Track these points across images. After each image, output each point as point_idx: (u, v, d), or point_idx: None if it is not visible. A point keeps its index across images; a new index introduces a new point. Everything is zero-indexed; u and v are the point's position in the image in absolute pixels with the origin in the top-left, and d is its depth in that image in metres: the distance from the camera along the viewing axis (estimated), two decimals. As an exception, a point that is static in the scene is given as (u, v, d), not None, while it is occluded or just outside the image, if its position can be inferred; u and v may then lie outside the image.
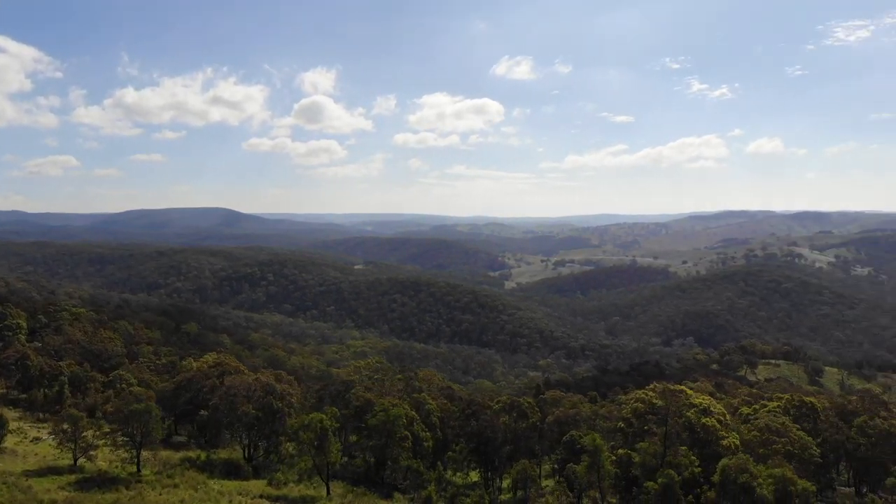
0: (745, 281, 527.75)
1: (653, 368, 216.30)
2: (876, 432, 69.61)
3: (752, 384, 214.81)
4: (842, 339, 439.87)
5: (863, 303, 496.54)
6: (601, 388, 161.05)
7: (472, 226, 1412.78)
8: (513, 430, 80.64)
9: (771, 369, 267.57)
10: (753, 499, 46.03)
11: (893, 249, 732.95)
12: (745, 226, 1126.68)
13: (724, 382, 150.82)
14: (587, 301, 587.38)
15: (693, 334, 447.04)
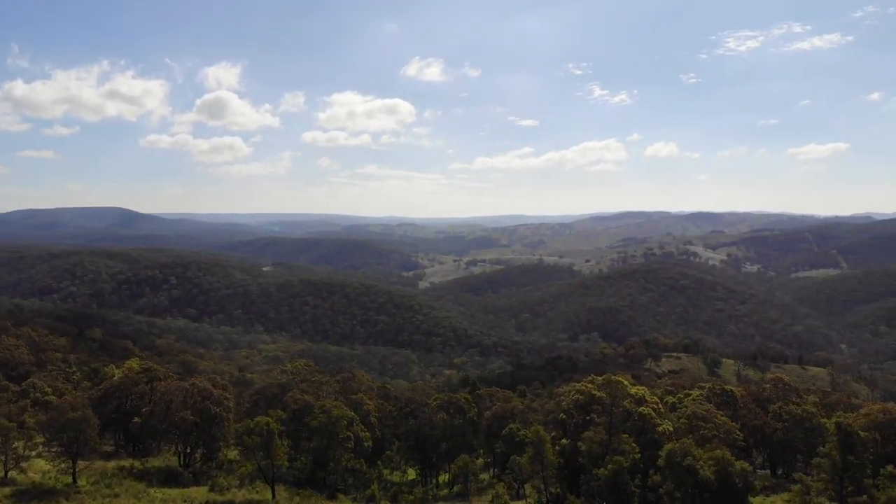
0: (645, 278, 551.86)
1: (566, 363, 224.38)
2: (789, 417, 75.34)
3: (659, 375, 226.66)
4: (735, 333, 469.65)
5: (753, 298, 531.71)
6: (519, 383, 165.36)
7: (385, 226, 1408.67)
8: (450, 427, 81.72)
9: (673, 362, 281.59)
10: (697, 480, 49.10)
11: (780, 247, 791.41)
12: (643, 226, 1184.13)
13: (640, 374, 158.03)
14: (498, 299, 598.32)
15: (598, 329, 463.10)
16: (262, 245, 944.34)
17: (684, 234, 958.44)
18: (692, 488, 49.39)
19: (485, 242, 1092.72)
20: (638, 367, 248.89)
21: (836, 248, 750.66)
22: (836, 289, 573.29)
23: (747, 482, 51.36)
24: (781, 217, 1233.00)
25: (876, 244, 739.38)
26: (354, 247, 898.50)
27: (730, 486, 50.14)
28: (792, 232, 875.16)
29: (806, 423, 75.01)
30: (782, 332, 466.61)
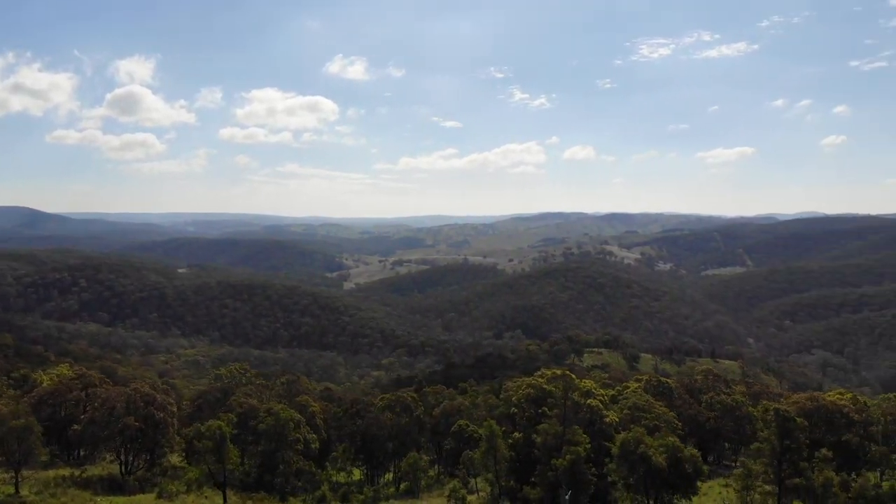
0: (565, 277, 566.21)
1: (496, 360, 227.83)
2: (720, 406, 79.69)
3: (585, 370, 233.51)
4: (650, 328, 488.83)
5: (666, 295, 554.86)
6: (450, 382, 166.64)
7: (307, 226, 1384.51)
8: (397, 426, 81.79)
9: (595, 357, 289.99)
10: (650, 466, 51.33)
11: (690, 247, 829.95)
12: (561, 226, 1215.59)
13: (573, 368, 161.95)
14: (424, 299, 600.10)
15: (521, 327, 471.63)
16: (176, 246, 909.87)
17: (601, 235, 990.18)
18: (645, 475, 51.60)
19: (410, 242, 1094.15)
20: (562, 363, 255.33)
21: (742, 248, 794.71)
22: (742, 286, 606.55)
23: (696, 467, 54.16)
24: (691, 218, 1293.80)
25: (779, 243, 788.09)
26: (275, 247, 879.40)
27: (680, 471, 52.73)
28: (701, 232, 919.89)
29: (736, 412, 79.57)
30: (694, 328, 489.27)
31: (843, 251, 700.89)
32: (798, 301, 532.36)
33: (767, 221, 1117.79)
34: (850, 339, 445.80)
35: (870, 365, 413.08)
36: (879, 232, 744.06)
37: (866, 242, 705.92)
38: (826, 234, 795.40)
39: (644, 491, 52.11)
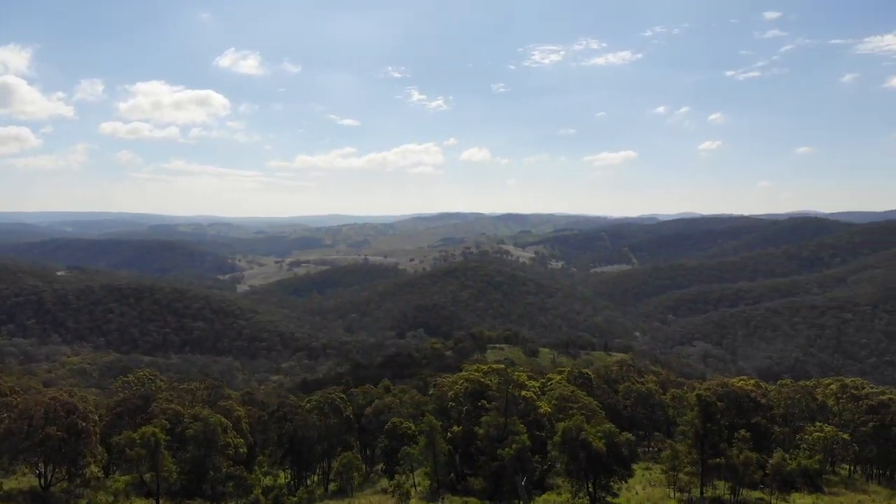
0: (465, 276, 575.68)
1: (405, 359, 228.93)
2: (635, 394, 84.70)
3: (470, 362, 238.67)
4: (545, 324, 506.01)
5: (559, 292, 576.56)
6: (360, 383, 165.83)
7: (197, 226, 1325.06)
8: (326, 427, 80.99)
9: (497, 352, 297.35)
10: (591, 452, 54.12)
11: (580, 246, 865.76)
12: (459, 226, 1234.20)
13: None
14: (325, 300, 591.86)
15: (423, 326, 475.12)
16: (54, 247, 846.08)
17: (497, 234, 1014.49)
18: (585, 460, 54.38)
19: (308, 243, 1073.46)
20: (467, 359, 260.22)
21: (627, 246, 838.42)
22: (629, 282, 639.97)
23: (632, 451, 57.66)
24: (580, 218, 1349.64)
25: (662, 242, 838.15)
26: (163, 248, 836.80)
27: (617, 455, 55.98)
28: (590, 232, 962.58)
29: (649, 400, 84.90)
30: (585, 323, 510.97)
31: (720, 249, 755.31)
32: (680, 296, 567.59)
33: (650, 221, 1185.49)
34: (728, 331, 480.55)
35: (746, 355, 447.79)
36: (752, 232, 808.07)
37: (740, 241, 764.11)
38: (704, 233, 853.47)
39: (584, 475, 54.93)
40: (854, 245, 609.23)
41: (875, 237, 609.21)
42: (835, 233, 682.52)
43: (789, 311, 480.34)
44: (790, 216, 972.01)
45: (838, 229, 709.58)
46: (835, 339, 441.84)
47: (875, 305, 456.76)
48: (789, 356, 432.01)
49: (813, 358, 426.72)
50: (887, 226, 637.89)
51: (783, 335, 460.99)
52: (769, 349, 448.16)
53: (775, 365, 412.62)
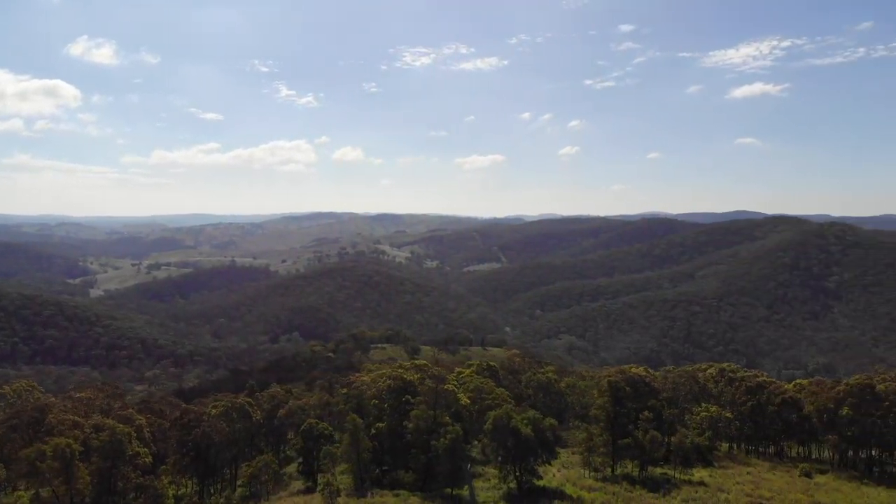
0: (342, 276, 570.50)
1: (291, 362, 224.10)
2: (537, 384, 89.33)
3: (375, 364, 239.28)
4: (422, 322, 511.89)
5: (435, 291, 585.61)
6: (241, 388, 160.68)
7: (42, 226, 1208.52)
8: (234, 432, 78.46)
9: (380, 352, 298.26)
10: (519, 438, 56.93)
11: (453, 245, 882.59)
12: (333, 226, 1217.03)
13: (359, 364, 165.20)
14: (189, 305, 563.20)
15: (299, 329, 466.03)
16: None
17: (372, 234, 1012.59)
18: (514, 445, 57.17)
19: (168, 244, 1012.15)
20: (350, 359, 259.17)
21: (497, 245, 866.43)
22: (499, 280, 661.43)
23: (556, 434, 61.16)
24: (452, 219, 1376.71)
25: (528, 241, 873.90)
26: (4, 250, 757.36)
27: (543, 439, 59.22)
28: (462, 232, 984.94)
29: (550, 388, 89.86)
30: (460, 320, 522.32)
31: (581, 248, 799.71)
32: (546, 292, 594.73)
33: (516, 222, 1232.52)
34: (591, 324, 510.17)
35: (607, 346, 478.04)
36: (609, 231, 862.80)
37: (599, 240, 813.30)
38: (566, 233, 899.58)
39: (512, 460, 57.69)
40: (700, 244, 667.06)
41: (718, 236, 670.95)
42: (682, 232, 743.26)
43: (644, 305, 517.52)
44: (642, 217, 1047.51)
45: (685, 229, 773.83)
46: (685, 329, 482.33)
47: (720, 299, 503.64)
48: (645, 346, 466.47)
49: (666, 348, 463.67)
50: (728, 226, 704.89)
51: (639, 327, 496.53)
52: (627, 340, 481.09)
53: (633, 355, 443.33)
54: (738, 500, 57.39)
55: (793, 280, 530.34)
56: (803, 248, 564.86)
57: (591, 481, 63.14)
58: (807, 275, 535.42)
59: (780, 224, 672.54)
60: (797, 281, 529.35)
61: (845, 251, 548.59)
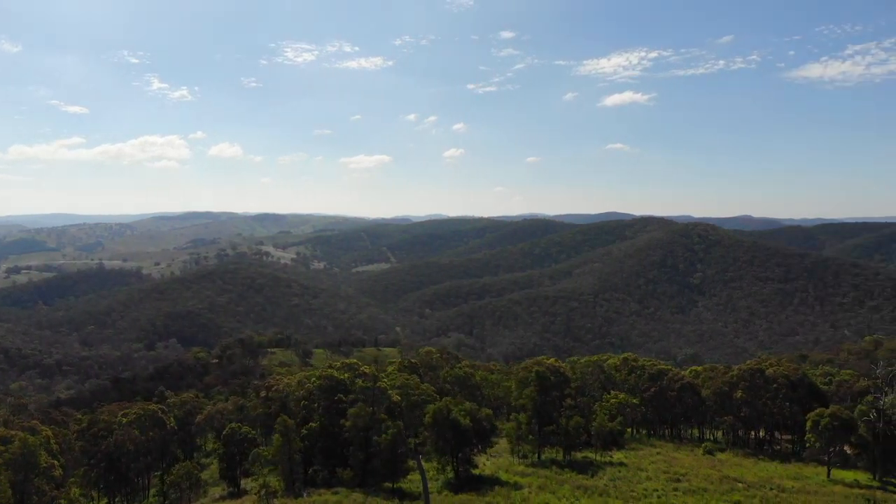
0: (223, 279, 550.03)
1: (178, 369, 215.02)
2: (453, 378, 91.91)
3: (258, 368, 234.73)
4: (311, 325, 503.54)
5: (324, 293, 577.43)
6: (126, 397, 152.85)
7: None
8: (148, 441, 74.88)
9: (270, 357, 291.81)
10: (458, 429, 58.75)
11: (341, 246, 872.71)
12: (211, 226, 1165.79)
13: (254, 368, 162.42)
14: (54, 311, 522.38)
15: (176, 335, 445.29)
16: None
17: (254, 235, 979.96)
18: (454, 436, 58.98)
19: (27, 246, 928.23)
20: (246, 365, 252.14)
21: (385, 246, 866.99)
22: (388, 280, 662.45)
23: (492, 424, 63.56)
24: (339, 219, 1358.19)
25: (416, 241, 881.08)
26: None
27: (480, 429, 61.45)
28: (349, 232, 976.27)
29: (468, 381, 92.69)
30: (350, 321, 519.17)
31: (467, 248, 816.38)
32: (435, 292, 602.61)
33: (404, 222, 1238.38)
34: (478, 321, 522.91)
35: (493, 342, 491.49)
36: (493, 231, 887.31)
37: (483, 240, 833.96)
38: (452, 233, 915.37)
39: (450, 451, 59.43)
40: (577, 243, 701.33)
41: (593, 236, 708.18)
42: (561, 232, 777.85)
43: (528, 302, 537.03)
44: (524, 218, 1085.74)
45: (563, 229, 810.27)
46: (565, 324, 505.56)
47: (596, 294, 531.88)
48: (529, 341, 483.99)
49: (548, 342, 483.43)
50: (602, 226, 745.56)
51: (523, 323, 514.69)
52: (512, 336, 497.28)
53: (518, 350, 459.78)
54: (658, 477, 62.47)
55: (661, 276, 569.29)
56: (670, 246, 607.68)
57: (522, 467, 66.21)
58: (674, 272, 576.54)
59: (649, 224, 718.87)
60: (665, 277, 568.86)
61: (708, 250, 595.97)
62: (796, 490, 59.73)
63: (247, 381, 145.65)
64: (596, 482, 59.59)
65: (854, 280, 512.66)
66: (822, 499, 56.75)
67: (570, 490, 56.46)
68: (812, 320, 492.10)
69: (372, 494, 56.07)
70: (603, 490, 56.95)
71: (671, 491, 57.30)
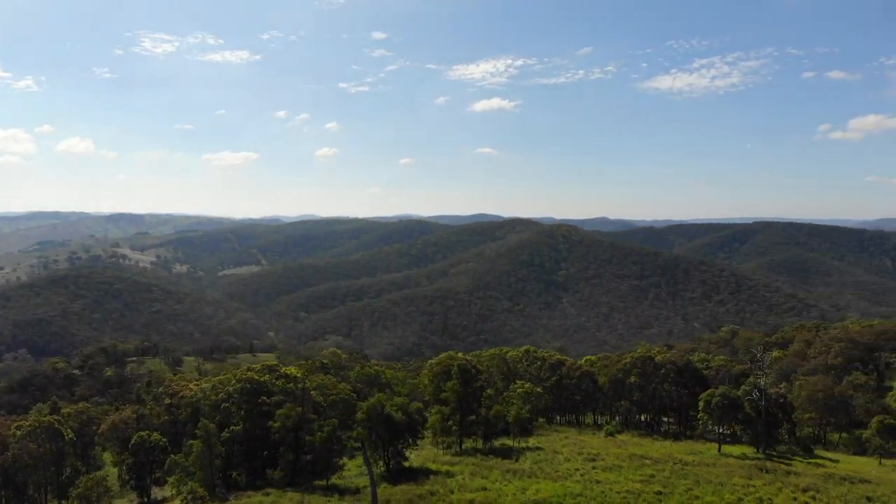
0: (76, 284, 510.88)
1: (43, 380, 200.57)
2: (364, 377, 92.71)
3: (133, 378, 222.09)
4: (175, 332, 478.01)
5: (189, 297, 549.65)
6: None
7: None
8: (45, 454, 69.22)
9: (136, 366, 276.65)
10: (394, 424, 59.74)
11: (206, 248, 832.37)
12: (59, 227, 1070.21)
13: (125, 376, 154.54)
14: None
15: (26, 345, 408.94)
16: None
17: (108, 237, 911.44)
18: (387, 430, 59.98)
19: None
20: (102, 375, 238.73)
21: (256, 247, 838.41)
22: (260, 283, 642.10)
23: (422, 416, 65.05)
24: (203, 219, 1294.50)
25: (289, 243, 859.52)
26: None
27: (412, 422, 62.81)
28: (215, 233, 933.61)
29: (377, 379, 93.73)
30: (219, 327, 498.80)
31: (343, 249, 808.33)
32: (310, 294, 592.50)
33: (274, 223, 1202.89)
34: (356, 323, 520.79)
35: (372, 343, 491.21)
36: (369, 232, 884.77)
37: (360, 241, 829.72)
38: (327, 234, 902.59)
39: (382, 445, 60.29)
40: (451, 243, 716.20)
41: (465, 236, 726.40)
42: (436, 233, 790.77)
43: (406, 302, 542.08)
44: (399, 219, 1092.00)
45: (438, 230, 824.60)
46: (442, 323, 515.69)
47: (471, 293, 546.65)
48: (408, 341, 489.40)
49: (426, 340, 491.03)
50: (474, 227, 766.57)
51: (402, 323, 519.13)
52: (391, 336, 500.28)
53: (397, 350, 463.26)
54: (574, 458, 66.90)
55: (530, 275, 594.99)
56: (537, 246, 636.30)
57: (448, 457, 68.27)
58: (541, 270, 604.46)
59: (518, 225, 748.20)
60: (533, 276, 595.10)
61: (571, 249, 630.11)
62: (696, 463, 66.44)
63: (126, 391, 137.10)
64: (521, 465, 62.94)
65: (702, 276, 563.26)
66: (721, 469, 63.62)
67: (500, 474, 59.35)
68: (665, 314, 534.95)
69: (308, 492, 55.76)
70: (530, 472, 60.39)
71: (591, 469, 61.81)
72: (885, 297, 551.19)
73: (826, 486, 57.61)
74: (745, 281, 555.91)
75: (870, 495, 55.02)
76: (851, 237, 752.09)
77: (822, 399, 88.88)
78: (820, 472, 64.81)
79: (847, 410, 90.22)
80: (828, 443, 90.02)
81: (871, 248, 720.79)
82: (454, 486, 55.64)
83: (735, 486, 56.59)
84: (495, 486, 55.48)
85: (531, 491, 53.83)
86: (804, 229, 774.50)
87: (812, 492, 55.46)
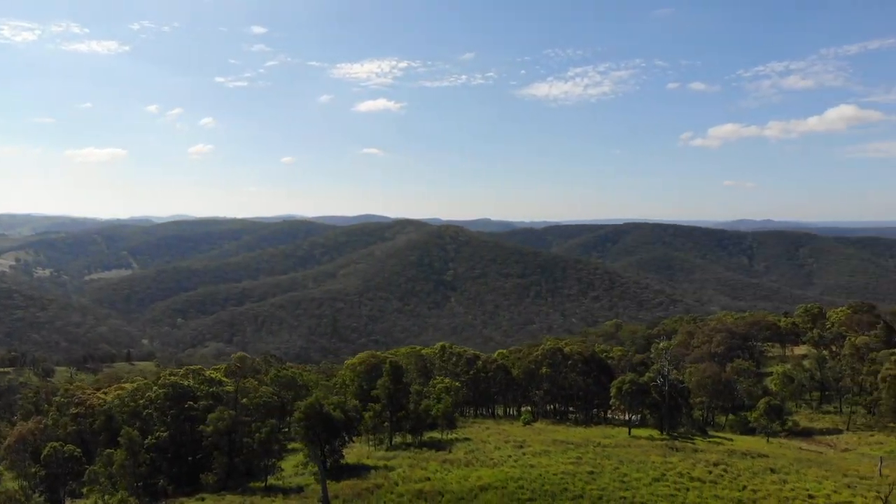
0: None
1: None
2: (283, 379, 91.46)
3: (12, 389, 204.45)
4: (40, 340, 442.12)
5: (53, 304, 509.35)
6: None
7: None
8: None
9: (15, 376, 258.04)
10: (332, 422, 59.59)
11: (70, 250, 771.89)
12: None
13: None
14: None
15: None
16: None
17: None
18: (325, 428, 59.82)
19: None
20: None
21: (126, 250, 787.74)
22: (133, 288, 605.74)
23: (359, 413, 65.23)
24: (65, 220, 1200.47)
25: (161, 244, 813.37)
26: None
27: (349, 420, 62.95)
28: (80, 234, 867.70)
29: (295, 381, 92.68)
30: (88, 335, 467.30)
31: (221, 251, 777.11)
32: (188, 299, 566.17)
33: (145, 223, 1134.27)
34: (238, 328, 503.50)
35: (256, 349, 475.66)
36: (250, 233, 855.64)
37: (240, 242, 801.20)
38: (203, 235, 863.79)
39: (320, 442, 60.01)
40: (339, 244, 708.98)
41: (355, 237, 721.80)
42: (322, 234, 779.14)
43: (292, 305, 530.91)
44: (282, 219, 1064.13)
45: (324, 231, 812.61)
46: (331, 325, 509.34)
47: (360, 294, 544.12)
48: (295, 345, 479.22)
49: (315, 344, 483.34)
50: (363, 227, 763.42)
51: (288, 327, 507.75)
52: (277, 341, 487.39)
53: (283, 355, 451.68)
54: (503, 446, 69.69)
55: (419, 275, 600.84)
56: (426, 247, 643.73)
57: (382, 452, 68.98)
58: (430, 270, 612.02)
59: (406, 226, 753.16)
60: (422, 276, 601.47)
61: (458, 249, 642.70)
62: (613, 445, 71.32)
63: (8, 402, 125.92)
64: (455, 456, 64.87)
65: (578, 274, 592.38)
66: (637, 450, 68.77)
67: (437, 465, 60.94)
68: (545, 310, 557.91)
69: (248, 495, 54.66)
70: (466, 461, 62.47)
71: (522, 455, 64.81)
72: (743, 293, 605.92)
73: (732, 461, 64.02)
74: (618, 278, 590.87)
75: (772, 467, 61.76)
76: (712, 237, 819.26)
77: (711, 384, 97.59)
78: (722, 448, 71.78)
79: (732, 394, 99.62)
80: (716, 425, 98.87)
81: (729, 246, 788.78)
82: (397, 478, 56.66)
83: (655, 463, 61.63)
84: (437, 476, 57.06)
85: (473, 478, 55.91)
86: (669, 230, 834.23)
87: (723, 465, 61.53)
